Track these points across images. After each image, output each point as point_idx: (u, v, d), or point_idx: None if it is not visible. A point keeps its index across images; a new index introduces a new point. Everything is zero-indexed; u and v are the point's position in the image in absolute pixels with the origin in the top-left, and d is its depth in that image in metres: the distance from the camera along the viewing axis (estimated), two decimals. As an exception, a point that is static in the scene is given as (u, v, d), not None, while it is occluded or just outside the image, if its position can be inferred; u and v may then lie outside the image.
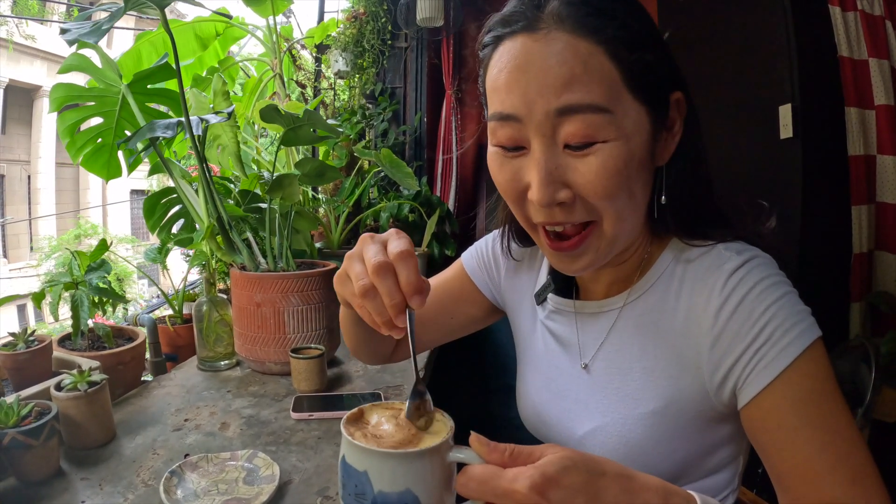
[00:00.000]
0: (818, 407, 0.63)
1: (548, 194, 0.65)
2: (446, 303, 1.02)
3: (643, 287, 0.77)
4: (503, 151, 0.70)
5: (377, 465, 0.50)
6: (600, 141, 0.63)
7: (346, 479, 0.52)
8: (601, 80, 0.63)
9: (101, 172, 1.67)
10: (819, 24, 2.13)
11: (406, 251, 0.58)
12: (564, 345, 0.87)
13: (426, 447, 0.51)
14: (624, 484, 0.50)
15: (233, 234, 1.36)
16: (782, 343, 0.64)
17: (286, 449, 1.00)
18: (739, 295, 0.67)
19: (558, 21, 0.63)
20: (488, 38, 0.71)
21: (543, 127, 0.64)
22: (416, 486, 0.50)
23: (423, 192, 2.60)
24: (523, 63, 0.64)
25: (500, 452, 0.50)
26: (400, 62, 3.22)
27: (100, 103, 1.52)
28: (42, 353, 1.13)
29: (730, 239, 0.74)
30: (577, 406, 0.82)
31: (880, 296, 2.08)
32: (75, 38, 1.17)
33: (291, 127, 1.34)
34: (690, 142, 0.73)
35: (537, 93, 0.63)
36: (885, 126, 2.11)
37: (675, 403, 0.72)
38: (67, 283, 1.25)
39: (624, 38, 0.64)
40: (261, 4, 2.37)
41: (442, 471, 0.51)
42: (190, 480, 0.86)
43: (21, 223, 13.61)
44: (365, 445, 0.51)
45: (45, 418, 0.86)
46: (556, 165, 0.65)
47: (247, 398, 1.23)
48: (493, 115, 0.69)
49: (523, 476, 0.47)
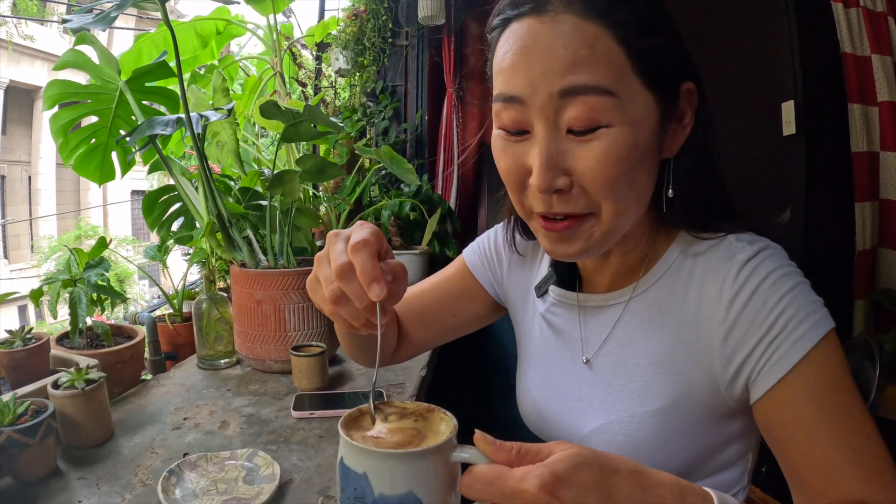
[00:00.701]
0: (834, 400, 0.62)
1: (547, 180, 0.64)
2: (448, 300, 1.00)
3: (650, 280, 0.76)
4: (506, 135, 0.69)
5: (377, 466, 0.48)
6: (604, 125, 0.62)
7: (344, 482, 0.50)
8: (608, 63, 0.61)
9: (93, 175, 1.61)
10: (821, 20, 2.12)
11: (358, 242, 0.57)
12: (565, 338, 0.85)
13: (428, 447, 0.49)
14: (637, 480, 0.49)
15: (233, 231, 1.35)
16: (797, 334, 0.63)
17: (287, 448, 0.98)
18: (752, 285, 0.66)
19: (566, 3, 0.62)
20: (497, 21, 0.70)
21: (546, 109, 0.63)
22: (418, 488, 0.48)
23: (424, 190, 2.59)
24: (529, 44, 0.63)
25: (507, 451, 0.48)
26: (401, 60, 3.21)
27: (95, 101, 1.49)
28: (40, 351, 1.11)
29: (739, 230, 0.72)
30: (581, 403, 0.80)
31: (884, 293, 2.08)
32: (79, 26, 1.15)
33: (292, 123, 1.33)
34: (702, 135, 0.71)
35: (541, 74, 0.62)
36: (888, 122, 2.10)
37: (684, 400, 0.71)
38: (65, 281, 1.24)
39: (633, 22, 0.63)
40: (261, 3, 2.36)
41: (445, 471, 0.50)
42: (189, 480, 0.85)
43: (22, 224, 13.62)
44: (363, 446, 0.49)
45: (41, 417, 0.85)
46: (558, 151, 0.64)
47: (247, 396, 1.21)
48: (497, 97, 0.68)
49: (532, 475, 0.45)
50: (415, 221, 2.55)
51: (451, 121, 3.23)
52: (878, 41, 2.12)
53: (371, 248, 0.57)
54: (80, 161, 1.56)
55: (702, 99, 0.71)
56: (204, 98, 1.53)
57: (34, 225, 13.81)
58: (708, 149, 0.72)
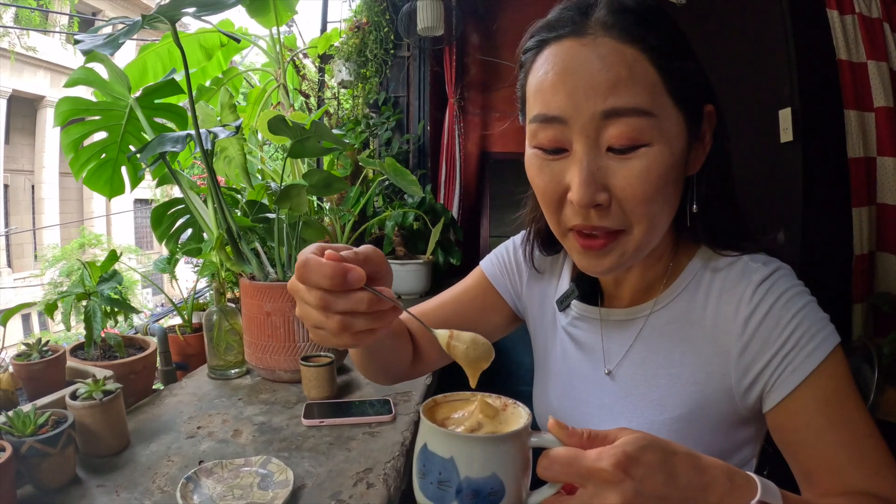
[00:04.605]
0: (842, 406, 0.68)
1: (588, 194, 0.66)
2: (470, 312, 1.00)
3: (670, 296, 0.80)
4: (543, 154, 0.71)
5: (466, 450, 0.51)
6: (644, 144, 0.65)
7: (427, 467, 0.53)
8: (645, 85, 0.65)
9: (103, 190, 1.64)
10: (817, 27, 2.14)
11: (303, 270, 0.57)
12: (587, 351, 0.88)
13: (511, 431, 0.52)
14: (693, 462, 0.53)
15: (241, 244, 1.38)
16: (808, 348, 0.68)
17: (298, 455, 1.01)
18: (768, 304, 0.71)
19: (605, 28, 0.66)
20: (531, 43, 0.72)
21: (588, 129, 0.66)
22: (500, 471, 0.51)
23: (427, 200, 2.61)
24: (571, 66, 0.66)
25: (579, 436, 0.53)
26: (402, 71, 3.24)
27: (105, 117, 1.52)
28: (56, 363, 1.14)
29: (754, 250, 0.77)
30: (601, 412, 0.84)
31: (882, 297, 2.09)
32: (90, 48, 1.18)
33: (299, 139, 1.36)
34: (720, 154, 0.75)
35: (584, 95, 0.65)
36: (884, 128, 2.12)
37: (700, 408, 0.75)
38: (80, 294, 1.27)
39: (665, 47, 0.66)
40: (264, 16, 2.39)
41: (523, 455, 0.53)
42: (206, 486, 0.88)
43: (25, 233, 13.66)
44: (452, 432, 0.52)
45: (61, 427, 0.88)
46: (598, 167, 0.66)
47: (258, 405, 1.24)
48: (536, 117, 0.70)
49: (607, 454, 0.50)
50: (418, 231, 2.58)
51: (452, 130, 3.26)
52: (874, 47, 2.14)
53: (311, 259, 0.57)
54: (90, 175, 1.60)
55: (720, 120, 0.75)
56: (211, 114, 1.56)
57: (38, 234, 13.85)
58: (725, 168, 0.77)
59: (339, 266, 0.56)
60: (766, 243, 0.79)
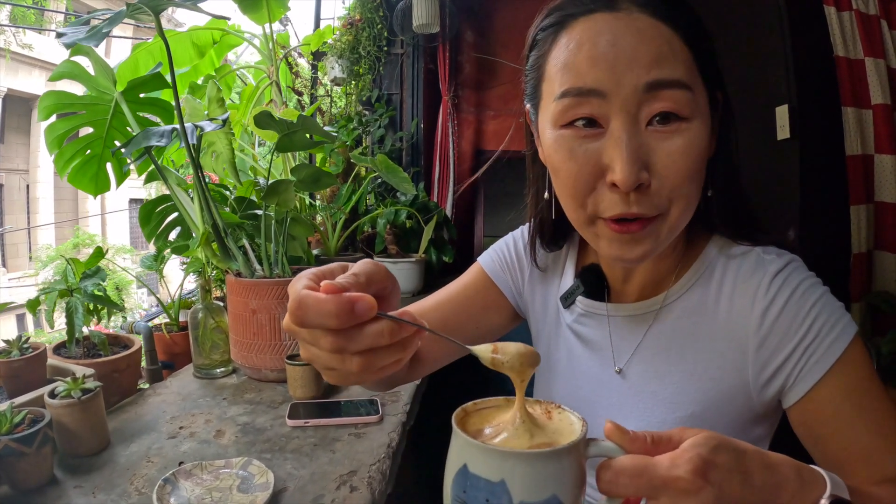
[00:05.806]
0: (868, 393, 0.67)
1: (633, 172, 0.62)
2: (471, 311, 0.95)
3: (680, 290, 0.78)
4: (575, 132, 0.66)
5: (520, 470, 0.42)
6: (685, 118, 0.64)
7: (470, 494, 0.44)
8: (683, 59, 0.64)
9: (88, 187, 1.59)
10: (814, 24, 2.13)
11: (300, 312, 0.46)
12: (595, 349, 0.85)
13: (570, 443, 0.44)
14: (762, 459, 0.50)
15: (228, 240, 1.36)
16: (830, 338, 0.67)
17: (281, 456, 0.99)
18: (785, 296, 0.70)
19: (640, 4, 0.64)
20: (552, 19, 0.69)
21: (629, 103, 0.63)
22: (560, 490, 0.43)
23: (420, 198, 2.59)
24: (610, 37, 0.63)
25: (643, 441, 0.48)
26: (396, 68, 3.22)
27: (91, 112, 1.49)
28: (36, 361, 1.12)
29: (766, 243, 0.76)
30: (610, 412, 0.81)
31: (880, 295, 2.07)
32: (72, 41, 1.15)
33: (286, 133, 1.33)
34: (727, 140, 0.75)
35: (627, 66, 0.62)
36: (882, 125, 2.10)
37: (714, 406, 0.74)
38: (62, 291, 1.24)
39: (693, 27, 0.66)
40: (257, 12, 2.37)
41: (580, 469, 0.45)
42: (183, 488, 0.85)
43: (20, 232, 13.61)
44: (503, 449, 0.43)
45: (38, 426, 0.85)
46: (640, 144, 0.63)
47: (242, 405, 1.22)
48: (568, 91, 0.65)
49: (682, 460, 0.45)
50: (411, 229, 2.56)
51: (446, 128, 3.24)
52: (872, 44, 2.13)
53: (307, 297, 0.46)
54: (75, 172, 1.56)
55: (727, 107, 0.74)
56: (199, 108, 1.54)
57: (32, 234, 13.81)
58: (735, 155, 0.76)
59: (343, 299, 0.45)
60: (778, 237, 0.78)
